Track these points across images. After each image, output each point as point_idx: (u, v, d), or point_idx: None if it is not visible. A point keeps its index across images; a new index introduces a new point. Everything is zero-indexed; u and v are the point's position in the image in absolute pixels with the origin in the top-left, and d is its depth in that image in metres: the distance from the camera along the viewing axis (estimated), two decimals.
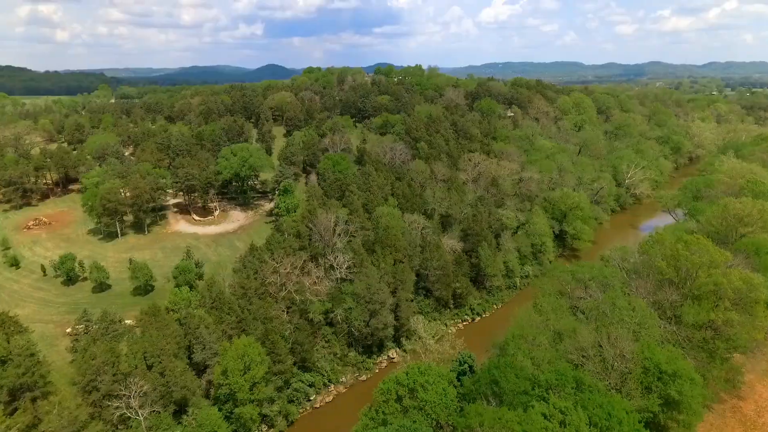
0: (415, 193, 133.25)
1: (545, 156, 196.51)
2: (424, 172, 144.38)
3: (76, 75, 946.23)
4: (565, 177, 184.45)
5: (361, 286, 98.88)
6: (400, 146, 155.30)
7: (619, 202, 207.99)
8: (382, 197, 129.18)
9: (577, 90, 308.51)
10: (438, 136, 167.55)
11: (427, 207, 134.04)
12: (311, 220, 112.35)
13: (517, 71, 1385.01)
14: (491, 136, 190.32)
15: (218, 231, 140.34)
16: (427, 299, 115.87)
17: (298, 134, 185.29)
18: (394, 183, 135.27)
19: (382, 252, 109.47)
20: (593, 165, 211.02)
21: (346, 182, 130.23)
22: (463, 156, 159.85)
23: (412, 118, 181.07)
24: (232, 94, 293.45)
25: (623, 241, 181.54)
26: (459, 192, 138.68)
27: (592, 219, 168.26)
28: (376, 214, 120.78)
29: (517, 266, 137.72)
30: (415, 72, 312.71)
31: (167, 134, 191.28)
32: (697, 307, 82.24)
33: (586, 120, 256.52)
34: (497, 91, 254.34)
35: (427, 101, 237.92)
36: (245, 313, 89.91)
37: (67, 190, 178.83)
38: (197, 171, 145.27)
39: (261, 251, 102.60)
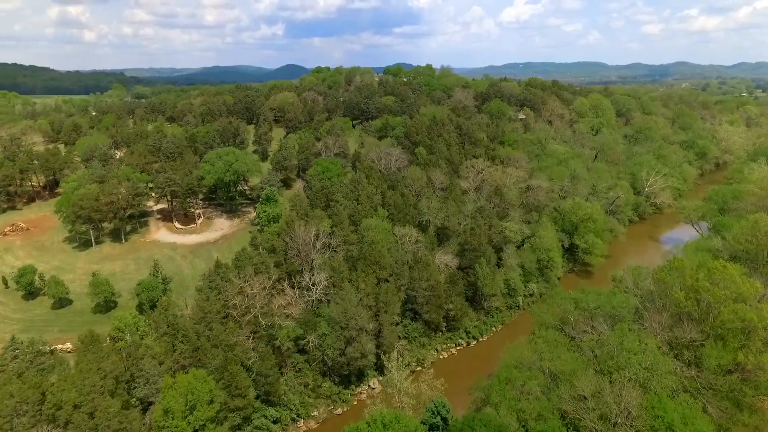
0: (409, 204, 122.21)
1: (557, 162, 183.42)
2: (420, 179, 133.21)
3: (96, 75, 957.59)
4: (578, 185, 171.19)
5: (337, 310, 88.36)
6: (396, 151, 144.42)
7: (638, 212, 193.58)
8: (371, 207, 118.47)
9: (596, 91, 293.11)
10: (439, 141, 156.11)
11: (422, 218, 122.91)
12: (288, 233, 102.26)
13: (538, 71, 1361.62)
14: (498, 140, 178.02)
15: (198, 240, 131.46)
16: (415, 322, 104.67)
17: (293, 137, 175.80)
18: (386, 192, 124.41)
19: (365, 270, 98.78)
20: (610, 172, 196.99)
21: (332, 191, 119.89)
22: (466, 162, 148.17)
23: (414, 121, 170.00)
24: (236, 94, 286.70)
25: (641, 256, 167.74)
26: (457, 202, 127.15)
27: (606, 231, 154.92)
28: (363, 227, 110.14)
29: (520, 284, 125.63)
30: (426, 72, 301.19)
31: (159, 136, 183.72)
32: (721, 347, 69.77)
33: (604, 123, 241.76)
34: (509, 92, 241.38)
35: (433, 102, 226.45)
36: (202, 340, 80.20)
37: (54, 193, 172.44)
38: (179, 176, 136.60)
39: (226, 269, 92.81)
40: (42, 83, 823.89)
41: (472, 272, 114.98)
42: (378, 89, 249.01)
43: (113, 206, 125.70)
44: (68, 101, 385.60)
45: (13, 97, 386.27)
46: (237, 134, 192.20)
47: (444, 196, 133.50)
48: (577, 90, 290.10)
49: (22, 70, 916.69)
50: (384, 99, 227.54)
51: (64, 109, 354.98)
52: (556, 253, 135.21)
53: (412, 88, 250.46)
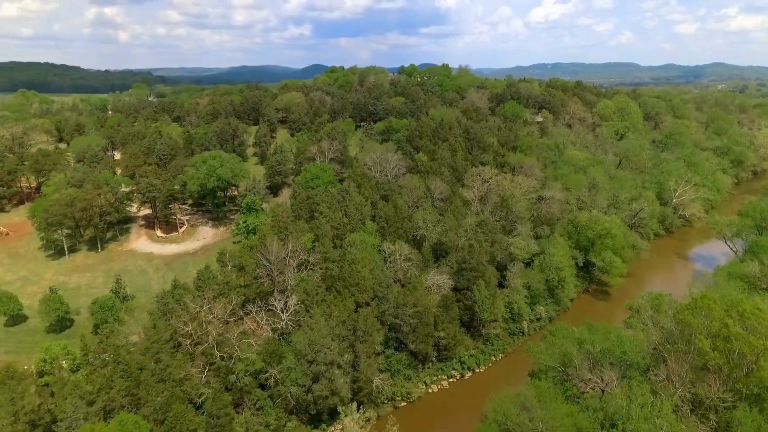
0: (402, 216, 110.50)
1: (574, 170, 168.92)
2: (418, 189, 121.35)
3: (123, 74, 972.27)
4: (598, 195, 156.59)
5: (303, 341, 77.47)
6: (394, 157, 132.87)
7: (665, 225, 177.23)
8: (359, 220, 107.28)
9: (623, 93, 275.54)
10: (444, 146, 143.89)
11: (416, 233, 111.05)
12: (260, 249, 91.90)
13: (567, 72, 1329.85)
14: (511, 145, 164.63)
15: (177, 251, 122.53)
16: (400, 353, 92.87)
17: (291, 140, 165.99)
18: (378, 203, 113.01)
19: (342, 293, 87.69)
20: (634, 180, 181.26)
21: (317, 201, 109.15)
22: (471, 170, 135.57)
23: (418, 124, 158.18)
24: (245, 94, 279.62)
25: (666, 276, 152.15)
26: (456, 215, 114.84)
27: (627, 248, 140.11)
28: (346, 243, 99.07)
29: (526, 308, 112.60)
30: (441, 72, 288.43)
31: (154, 137, 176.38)
32: (757, 412, 56.32)
33: (629, 127, 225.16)
34: (527, 93, 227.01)
35: (445, 104, 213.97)
36: (145, 374, 70.39)
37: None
38: (161, 181, 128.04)
39: (184, 290, 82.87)
40: (71, 82, 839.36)
41: (470, 295, 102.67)
42: (389, 90, 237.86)
43: (87, 213, 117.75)
44: (85, 100, 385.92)
45: (32, 95, 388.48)
46: (235, 136, 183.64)
47: (443, 207, 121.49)
48: (601, 91, 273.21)
49: (53, 69, 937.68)
50: (393, 100, 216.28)
51: (80, 108, 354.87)
52: (568, 272, 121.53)
53: (423, 88, 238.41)
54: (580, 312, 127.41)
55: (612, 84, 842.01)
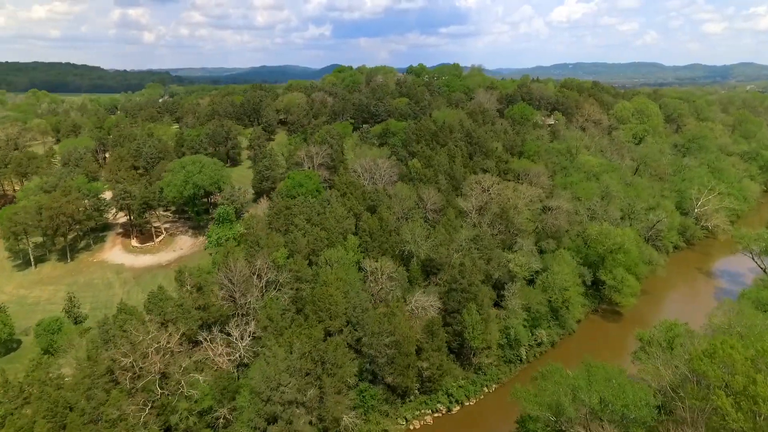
0: (387, 229, 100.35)
1: (586, 177, 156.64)
2: (408, 198, 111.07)
3: (140, 74, 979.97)
4: (611, 205, 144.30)
5: (259, 376, 68.05)
6: (385, 163, 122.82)
7: (685, 237, 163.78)
8: (339, 234, 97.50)
9: (642, 94, 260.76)
10: (442, 151, 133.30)
11: (404, 248, 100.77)
12: (223, 267, 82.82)
13: (589, 72, 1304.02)
14: (517, 150, 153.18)
15: (150, 262, 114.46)
16: (377, 386, 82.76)
17: (283, 143, 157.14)
18: (363, 214, 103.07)
19: (310, 319, 78.03)
20: (652, 188, 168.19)
21: (293, 212, 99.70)
22: (470, 178, 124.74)
23: (417, 127, 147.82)
24: (248, 94, 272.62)
25: (685, 295, 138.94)
26: (448, 228, 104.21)
27: (641, 263, 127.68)
28: (321, 260, 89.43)
29: (524, 333, 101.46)
30: (451, 71, 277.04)
31: (144, 139, 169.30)
32: None
33: (648, 130, 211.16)
34: (540, 94, 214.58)
35: (450, 105, 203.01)
36: (73, 416, 61.75)
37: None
38: (137, 188, 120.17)
39: (130, 314, 74.07)
40: (89, 82, 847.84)
41: (460, 319, 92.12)
42: (394, 90, 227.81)
43: (54, 221, 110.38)
44: (94, 100, 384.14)
45: (42, 95, 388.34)
46: (228, 138, 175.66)
47: (437, 219, 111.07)
48: (620, 92, 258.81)
49: (73, 69, 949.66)
50: (397, 101, 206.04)
51: (88, 108, 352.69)
52: (573, 292, 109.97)
53: (430, 89, 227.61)
54: (587, 336, 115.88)
55: (635, 84, 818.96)
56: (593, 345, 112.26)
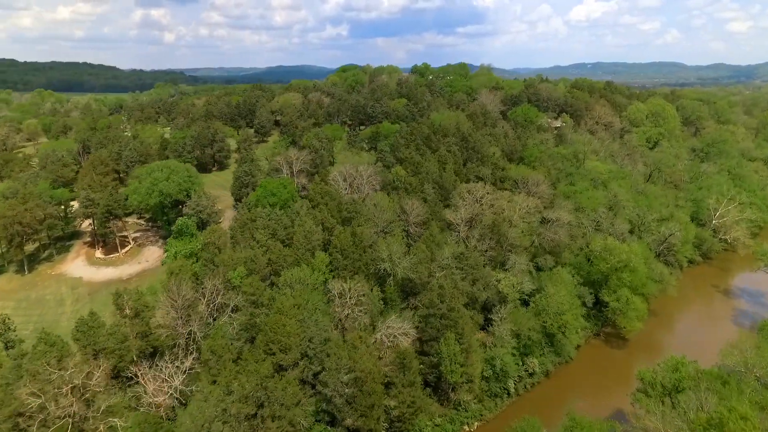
0: (361, 246, 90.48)
1: (593, 184, 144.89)
2: (389, 210, 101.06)
3: (155, 73, 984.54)
4: (619, 217, 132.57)
5: (188, 423, 58.85)
6: (368, 170, 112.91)
7: (702, 250, 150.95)
8: (307, 250, 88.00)
9: (659, 95, 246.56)
10: (432, 157, 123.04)
11: (379, 267, 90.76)
12: (167, 289, 73.89)
13: (608, 72, 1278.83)
14: (517, 156, 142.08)
15: (111, 276, 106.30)
16: (335, 429, 72.96)
17: (266, 147, 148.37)
18: (335, 228, 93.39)
19: (256, 352, 68.62)
20: (666, 197, 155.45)
21: (256, 225, 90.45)
22: (461, 187, 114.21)
23: (409, 130, 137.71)
24: (246, 94, 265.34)
25: (699, 316, 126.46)
26: (430, 244, 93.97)
27: (650, 282, 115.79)
28: (281, 281, 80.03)
29: (513, 363, 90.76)
30: (457, 71, 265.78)
31: (126, 141, 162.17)
32: None
33: (663, 134, 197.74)
34: (548, 95, 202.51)
35: (451, 106, 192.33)
36: None
37: None
38: (103, 195, 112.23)
39: (51, 346, 65.42)
40: (104, 81, 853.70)
41: (437, 347, 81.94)
42: (393, 91, 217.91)
43: (8, 231, 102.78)
44: (99, 100, 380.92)
45: (48, 95, 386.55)
46: (214, 141, 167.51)
47: (419, 234, 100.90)
48: (635, 93, 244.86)
49: (89, 69, 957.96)
50: (395, 102, 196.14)
51: (92, 108, 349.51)
52: (571, 316, 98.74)
53: (431, 89, 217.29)
54: (587, 365, 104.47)
55: (655, 84, 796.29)
56: (593, 375, 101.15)
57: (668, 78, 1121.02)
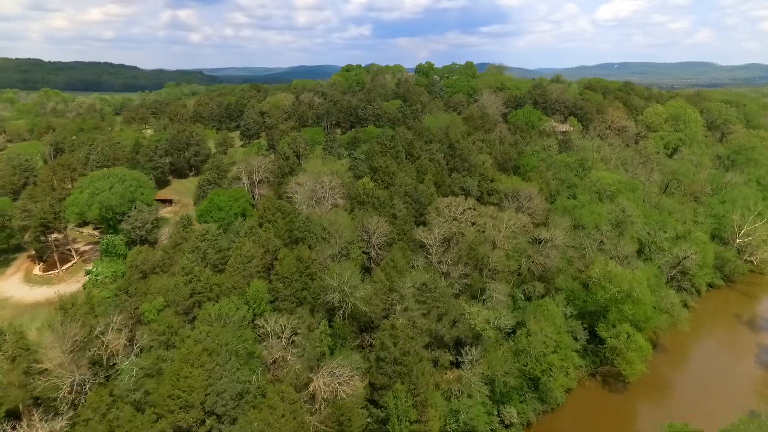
0: (308, 272, 77.40)
1: (599, 197, 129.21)
2: (350, 228, 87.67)
3: (174, 73, 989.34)
4: (625, 236, 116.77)
5: None
6: (331, 181, 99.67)
7: (724, 272, 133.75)
8: (242, 278, 75.30)
9: (681, 96, 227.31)
10: (410, 167, 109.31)
11: (329, 298, 77.40)
12: (57, 325, 62.03)
13: (635, 72, 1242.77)
14: (511, 164, 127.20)
15: (42, 296, 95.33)
16: None
17: (239, 151, 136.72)
18: (281, 250, 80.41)
19: (148, 411, 56.12)
20: (683, 212, 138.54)
21: (183, 248, 78.24)
22: (437, 201, 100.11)
23: (390, 135, 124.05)
24: (239, 95, 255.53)
25: (717, 353, 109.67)
26: (390, 271, 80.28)
27: (658, 315, 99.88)
28: (200, 317, 67.47)
29: (482, 415, 76.54)
30: (464, 70, 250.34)
31: (95, 144, 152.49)
32: None
33: (684, 139, 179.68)
34: (556, 96, 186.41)
35: (449, 109, 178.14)
36: None
37: None
38: (42, 206, 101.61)
39: None
40: (123, 81, 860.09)
41: (388, 397, 68.33)
42: (391, 91, 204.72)
43: None
44: (104, 99, 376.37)
45: (53, 94, 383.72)
46: (189, 144, 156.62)
47: (383, 257, 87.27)
48: (655, 94, 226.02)
49: (108, 69, 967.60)
50: (389, 103, 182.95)
51: (96, 108, 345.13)
52: (556, 358, 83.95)
53: (431, 90, 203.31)
54: (578, 412, 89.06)
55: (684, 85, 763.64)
56: (584, 426, 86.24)
57: (699, 78, 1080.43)
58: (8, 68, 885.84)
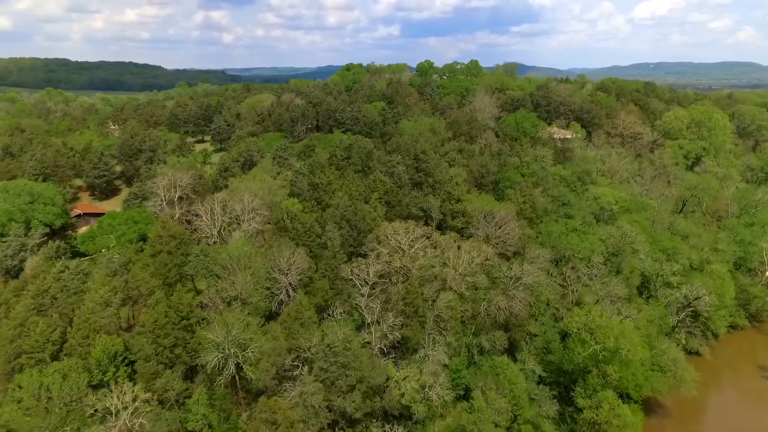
0: (183, 325, 60.28)
1: (594, 218, 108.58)
2: (260, 263, 70.05)
3: (194, 72, 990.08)
4: (625, 267, 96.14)
5: None
6: (251, 202, 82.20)
7: (749, 311, 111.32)
8: (90, 332, 58.53)
9: (709, 99, 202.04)
10: (358, 183, 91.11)
11: (206, 362, 59.94)
12: None
13: (672, 72, 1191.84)
14: (490, 179, 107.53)
15: None
16: None
17: (181, 160, 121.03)
18: (156, 291, 63.51)
19: None
20: (700, 237, 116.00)
21: (29, 291, 62.18)
22: (382, 227, 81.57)
23: (344, 145, 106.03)
24: (227, 95, 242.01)
25: (731, 423, 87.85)
26: (292, 325, 62.34)
27: (653, 377, 79.19)
28: (8, 393, 50.98)
29: None
30: (469, 69, 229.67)
31: (40, 149, 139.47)
32: None
33: (708, 148, 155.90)
34: (562, 99, 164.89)
35: (436, 112, 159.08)
36: None
37: None
38: None
39: None
40: (143, 80, 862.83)
41: None
42: (378, 92, 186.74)
43: None
44: (105, 99, 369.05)
45: (56, 93, 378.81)
46: (141, 150, 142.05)
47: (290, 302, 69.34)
48: (678, 96, 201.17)
49: (131, 68, 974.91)
50: (371, 105, 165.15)
51: (99, 107, 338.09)
52: None
53: (422, 91, 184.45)
54: None
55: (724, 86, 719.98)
56: None
57: (740, 79, 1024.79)
58: (37, 68, 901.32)
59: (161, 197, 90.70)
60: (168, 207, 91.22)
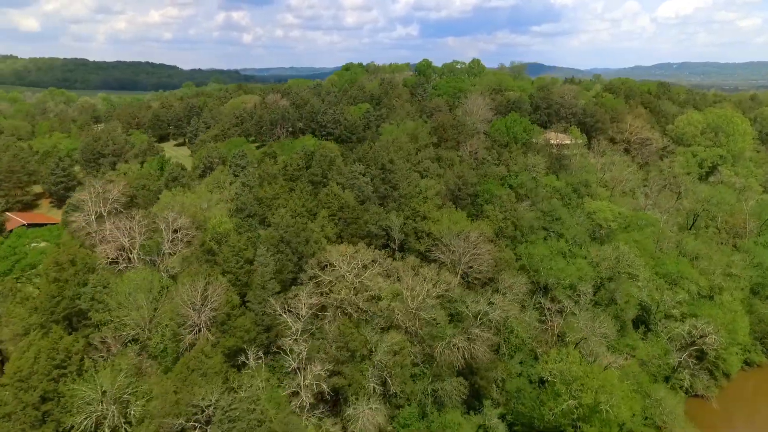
0: (54, 374, 49.67)
1: (589, 236, 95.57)
2: (167, 297, 59.28)
3: (210, 72, 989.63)
4: (619, 298, 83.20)
5: None
6: (176, 219, 71.48)
7: (766, 345, 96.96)
8: None
9: (729, 101, 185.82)
10: (310, 198, 79.90)
11: (78, 420, 49.34)
12: None
13: (696, 72, 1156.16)
14: (467, 192, 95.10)
15: None
16: None
17: (132, 167, 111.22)
18: (30, 334, 53.14)
19: None
20: (711, 259, 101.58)
21: None
22: (328, 251, 70.14)
23: (302, 153, 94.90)
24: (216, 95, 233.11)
25: None
26: (187, 378, 51.29)
27: None
28: None
29: None
30: (470, 69, 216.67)
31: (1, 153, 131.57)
32: None
33: (726, 157, 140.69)
34: (563, 101, 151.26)
35: (424, 114, 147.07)
36: None
37: None
38: None
39: None
40: (157, 80, 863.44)
41: None
42: (367, 94, 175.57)
43: None
44: (106, 99, 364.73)
45: (59, 93, 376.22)
46: (103, 155, 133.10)
47: (213, 343, 58.31)
48: (694, 97, 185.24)
49: (147, 68, 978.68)
50: (356, 107, 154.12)
51: (97, 108, 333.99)
52: None
53: (413, 91, 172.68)
54: None
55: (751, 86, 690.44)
56: None
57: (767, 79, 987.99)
58: (55, 68, 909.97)
59: (90, 211, 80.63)
60: (97, 223, 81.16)
